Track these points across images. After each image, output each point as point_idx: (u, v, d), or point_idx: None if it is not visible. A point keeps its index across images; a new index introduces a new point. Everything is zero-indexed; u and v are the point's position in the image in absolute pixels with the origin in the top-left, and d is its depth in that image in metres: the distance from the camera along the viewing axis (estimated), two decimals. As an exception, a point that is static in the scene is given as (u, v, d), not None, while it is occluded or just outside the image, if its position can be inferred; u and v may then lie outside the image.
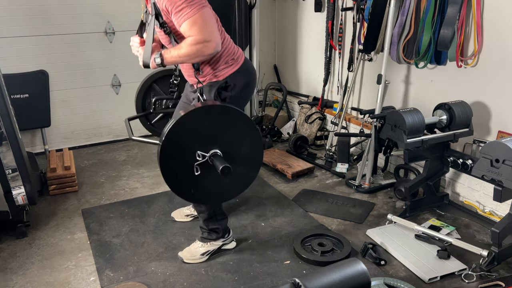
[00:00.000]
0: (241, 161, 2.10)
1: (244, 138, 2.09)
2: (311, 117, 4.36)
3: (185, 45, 2.03)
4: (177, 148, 1.99)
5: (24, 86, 3.86)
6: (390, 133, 2.85)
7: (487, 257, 2.36)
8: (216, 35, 2.05)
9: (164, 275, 2.41)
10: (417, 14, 3.04)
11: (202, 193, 2.12)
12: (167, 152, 1.98)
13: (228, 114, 2.04)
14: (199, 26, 2.00)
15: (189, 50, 2.03)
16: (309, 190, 3.40)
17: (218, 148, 2.01)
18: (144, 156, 4.15)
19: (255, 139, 2.12)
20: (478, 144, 2.91)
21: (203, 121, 2.00)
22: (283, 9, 4.91)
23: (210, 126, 2.01)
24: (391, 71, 3.39)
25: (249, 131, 2.09)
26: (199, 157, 1.98)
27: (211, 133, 2.01)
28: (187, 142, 1.99)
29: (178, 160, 2.01)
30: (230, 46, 2.30)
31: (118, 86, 4.41)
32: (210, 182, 2.07)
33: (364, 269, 1.26)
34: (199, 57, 2.06)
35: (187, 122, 1.97)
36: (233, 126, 2.05)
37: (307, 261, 2.49)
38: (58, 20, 3.98)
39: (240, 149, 2.09)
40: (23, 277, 2.43)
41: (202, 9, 2.01)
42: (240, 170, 2.09)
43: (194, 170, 2.00)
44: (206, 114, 2.02)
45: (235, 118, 2.05)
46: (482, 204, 2.96)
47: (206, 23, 2.01)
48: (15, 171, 2.72)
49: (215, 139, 2.02)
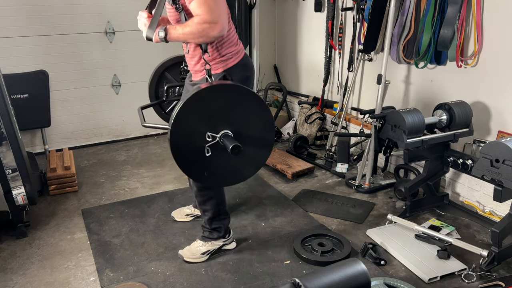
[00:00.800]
0: (253, 141, 2.06)
1: (254, 118, 2.05)
2: (311, 117, 4.36)
3: (191, 23, 2.01)
4: (186, 131, 1.95)
5: (24, 86, 3.86)
6: (390, 133, 2.85)
7: (487, 257, 2.36)
8: (224, 19, 2.02)
9: (164, 275, 2.41)
10: (417, 14, 3.04)
11: (215, 175, 2.08)
12: (177, 136, 1.95)
13: (238, 93, 2.00)
14: (208, 6, 1.97)
15: (194, 29, 2.00)
16: (309, 190, 3.40)
17: (228, 129, 1.97)
18: (144, 156, 4.15)
19: (266, 118, 2.07)
20: (478, 144, 2.91)
21: (212, 101, 1.96)
22: (283, 9, 4.91)
23: (219, 106, 1.97)
24: (391, 71, 3.39)
25: (259, 110, 2.04)
26: (209, 138, 1.95)
27: (221, 113, 1.97)
28: (197, 124, 1.95)
29: (189, 143, 1.97)
30: (235, 38, 2.29)
31: (118, 86, 4.41)
32: (222, 164, 2.03)
33: (364, 269, 1.26)
34: (203, 37, 2.03)
35: (195, 103, 1.92)
36: (243, 106, 2.01)
37: (307, 261, 2.49)
38: (58, 20, 3.98)
39: (251, 129, 2.05)
40: (23, 277, 2.43)
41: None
42: (252, 150, 2.06)
43: (205, 152, 1.97)
44: (214, 94, 1.97)
45: (245, 97, 2.01)
46: (482, 204, 2.96)
47: (216, 4, 1.99)
48: (15, 171, 2.72)
49: (225, 119, 1.98)
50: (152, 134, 4.71)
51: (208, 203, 2.46)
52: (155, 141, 4.56)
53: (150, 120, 2.56)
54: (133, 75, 4.42)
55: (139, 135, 4.64)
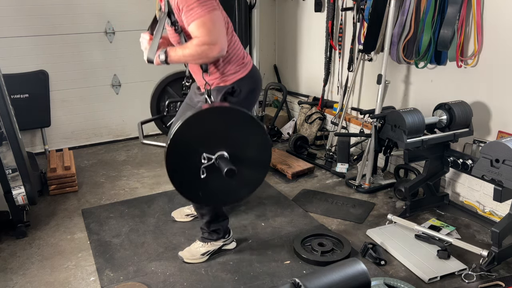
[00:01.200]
0: (249, 163, 2.06)
1: (251, 140, 2.06)
2: (311, 117, 4.36)
3: (190, 45, 2.03)
4: (183, 152, 1.96)
5: (24, 86, 3.86)
6: (390, 133, 2.85)
7: (487, 257, 2.36)
8: (223, 39, 2.04)
9: (164, 275, 2.41)
10: (417, 14, 3.04)
11: (210, 195, 2.09)
12: (173, 155, 1.96)
13: (235, 115, 2.02)
14: (207, 27, 2.00)
15: (193, 51, 2.03)
16: (309, 190, 3.40)
17: (224, 150, 1.98)
18: (144, 156, 4.15)
19: (263, 141, 2.08)
20: (478, 144, 2.91)
21: (210, 123, 1.98)
22: (283, 9, 4.91)
23: (217, 127, 1.98)
24: (391, 71, 3.39)
25: (256, 132, 2.05)
26: (204, 160, 1.96)
27: (218, 134, 1.98)
28: (194, 144, 1.96)
29: (185, 162, 1.98)
30: (239, 51, 2.30)
31: (118, 86, 4.41)
32: (218, 184, 2.03)
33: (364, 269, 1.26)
34: (203, 58, 2.06)
35: (193, 124, 1.94)
36: (240, 128, 2.02)
37: (307, 261, 2.49)
38: (58, 20, 3.98)
39: (247, 151, 2.05)
40: (23, 277, 2.43)
41: (213, 11, 2.01)
42: (247, 172, 2.06)
43: (200, 173, 1.97)
44: (213, 116, 1.99)
45: (242, 119, 2.03)
46: (482, 204, 2.96)
47: (214, 26, 2.01)
48: (15, 171, 2.72)
49: (221, 140, 1.98)
50: (152, 134, 4.70)
51: (205, 208, 2.47)
52: (155, 141, 4.56)
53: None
54: (133, 75, 4.42)
55: (139, 135, 4.63)
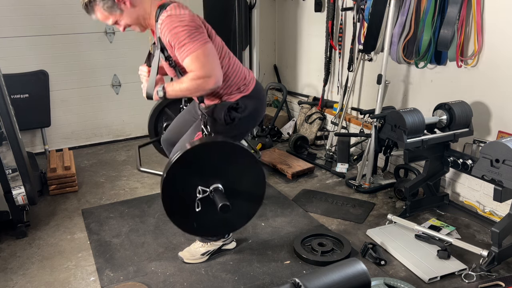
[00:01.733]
0: (243, 194, 2.12)
1: (246, 172, 2.10)
2: (311, 117, 4.36)
3: (186, 80, 2.06)
4: (179, 185, 2.00)
5: (24, 86, 3.86)
6: (390, 133, 2.85)
7: (487, 257, 2.36)
8: (217, 71, 2.06)
9: (164, 275, 2.41)
10: (417, 14, 3.04)
11: (204, 226, 2.13)
12: (169, 188, 1.99)
13: (231, 149, 2.06)
14: (200, 62, 2.01)
15: (189, 85, 2.05)
16: (309, 190, 3.40)
17: (219, 182, 2.03)
18: (144, 156, 4.14)
19: (257, 173, 2.12)
20: (478, 144, 2.91)
21: (206, 156, 2.01)
22: (283, 9, 4.91)
23: (212, 161, 2.02)
24: (391, 71, 3.39)
25: (251, 165, 2.09)
26: (199, 194, 2.00)
27: (213, 167, 2.02)
28: (189, 177, 2.00)
29: (180, 195, 2.02)
30: (240, 72, 2.32)
31: (118, 86, 4.42)
32: (212, 216, 2.07)
33: (364, 269, 1.26)
34: (200, 91, 2.09)
35: (189, 158, 1.97)
36: (236, 161, 2.06)
37: (307, 261, 2.49)
38: (58, 20, 3.98)
39: (242, 184, 2.10)
40: (23, 277, 2.43)
41: (205, 45, 2.03)
42: (242, 203, 2.11)
43: (195, 205, 2.01)
44: (209, 149, 2.03)
45: (239, 153, 2.06)
46: (482, 204, 2.96)
47: (207, 59, 2.03)
48: (15, 171, 2.72)
49: (216, 173, 2.03)
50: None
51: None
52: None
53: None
54: (133, 75, 4.40)
55: (139, 135, 4.64)
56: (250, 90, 2.33)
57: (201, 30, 2.04)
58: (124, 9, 2.10)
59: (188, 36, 2.00)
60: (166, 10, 2.04)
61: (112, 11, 2.10)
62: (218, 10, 3.93)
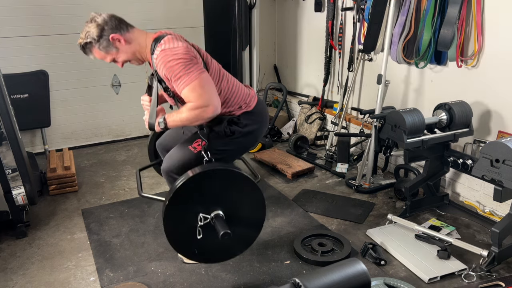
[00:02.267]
0: (244, 221, 2.15)
1: (246, 199, 2.12)
2: (311, 117, 4.36)
3: (185, 110, 2.10)
4: (181, 210, 2.02)
5: (24, 86, 3.86)
6: (390, 133, 2.85)
7: (487, 257, 2.36)
8: (215, 100, 2.09)
9: (164, 275, 2.41)
10: (417, 14, 3.04)
11: (205, 253, 2.16)
12: (171, 216, 2.02)
13: (233, 176, 2.08)
14: (197, 92, 2.05)
15: (189, 115, 2.09)
16: (309, 190, 3.40)
17: (220, 209, 2.05)
18: (144, 156, 4.14)
19: (258, 199, 2.14)
20: (478, 144, 2.91)
21: (208, 183, 2.04)
22: (283, 9, 4.91)
23: (214, 187, 2.05)
24: (391, 71, 3.39)
25: (251, 192, 2.11)
26: (200, 222, 2.03)
27: (215, 194, 2.05)
28: (190, 205, 2.03)
29: (181, 222, 2.05)
30: (240, 92, 2.35)
31: (118, 86, 4.41)
32: (212, 242, 2.10)
33: (364, 269, 1.26)
34: (199, 120, 2.12)
35: (189, 186, 2.00)
36: (237, 188, 2.09)
37: (307, 261, 2.49)
38: (58, 20, 3.98)
39: (242, 210, 2.13)
40: (23, 277, 2.43)
41: (200, 75, 2.06)
42: (242, 230, 2.14)
43: (196, 232, 2.04)
44: (211, 177, 2.05)
45: (239, 180, 2.08)
46: (482, 204, 2.96)
47: (204, 89, 2.06)
48: (15, 171, 2.72)
49: (217, 200, 2.06)
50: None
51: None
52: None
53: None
54: (133, 75, 4.41)
55: (139, 135, 4.64)
56: (252, 107, 2.36)
57: (195, 60, 2.07)
58: (120, 47, 2.14)
59: (183, 69, 2.03)
60: (161, 44, 2.07)
61: (108, 50, 2.14)
62: (218, 10, 3.93)
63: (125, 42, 2.13)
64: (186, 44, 2.11)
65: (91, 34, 2.10)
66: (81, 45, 2.16)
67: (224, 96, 2.26)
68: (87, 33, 2.12)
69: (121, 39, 2.12)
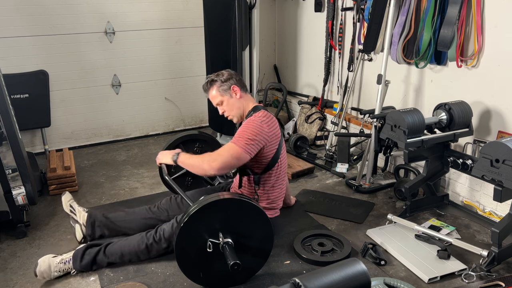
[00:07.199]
0: (251, 250, 2.23)
1: (257, 230, 2.21)
2: (311, 117, 4.36)
3: (196, 157, 2.38)
4: (193, 233, 2.11)
5: (24, 86, 3.86)
6: (390, 133, 2.85)
7: (487, 257, 2.36)
8: (223, 169, 2.31)
9: (164, 275, 2.41)
10: (417, 14, 3.05)
11: (209, 277, 2.23)
12: (183, 241, 2.11)
13: (247, 207, 2.17)
14: (225, 153, 2.31)
15: (196, 161, 2.36)
16: (309, 190, 3.40)
17: (230, 237, 2.14)
18: (144, 156, 4.15)
19: (267, 232, 2.24)
20: (478, 144, 2.91)
21: (219, 213, 2.13)
22: (283, 9, 4.91)
23: (225, 217, 2.14)
24: (391, 71, 3.39)
25: (262, 224, 2.21)
26: (209, 249, 2.11)
27: (226, 223, 2.14)
28: (203, 229, 2.12)
29: (192, 244, 2.13)
30: (281, 192, 2.66)
31: (118, 86, 4.42)
32: (218, 268, 2.18)
33: (364, 269, 1.26)
34: (199, 170, 2.35)
35: (202, 214, 2.09)
36: (249, 218, 2.18)
37: (307, 261, 2.49)
38: (58, 20, 3.99)
39: (251, 240, 2.21)
40: (23, 277, 2.43)
41: (244, 151, 2.31)
42: (248, 259, 2.22)
43: (206, 257, 2.14)
44: (222, 207, 2.14)
45: (251, 211, 2.17)
46: (482, 204, 2.96)
47: (230, 158, 2.30)
48: (15, 171, 2.72)
49: (228, 229, 2.14)
50: (152, 134, 4.71)
51: None
52: (155, 141, 4.57)
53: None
54: (133, 75, 4.42)
55: (139, 135, 4.64)
56: (276, 214, 2.68)
57: (257, 142, 2.35)
58: (233, 96, 2.52)
59: (246, 137, 2.33)
60: (257, 114, 2.45)
61: (224, 93, 2.52)
62: (218, 10, 3.93)
63: (239, 96, 2.52)
64: (270, 128, 2.41)
65: (221, 76, 2.52)
66: (208, 81, 2.54)
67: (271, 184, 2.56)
68: (219, 74, 2.53)
69: (238, 92, 2.52)
